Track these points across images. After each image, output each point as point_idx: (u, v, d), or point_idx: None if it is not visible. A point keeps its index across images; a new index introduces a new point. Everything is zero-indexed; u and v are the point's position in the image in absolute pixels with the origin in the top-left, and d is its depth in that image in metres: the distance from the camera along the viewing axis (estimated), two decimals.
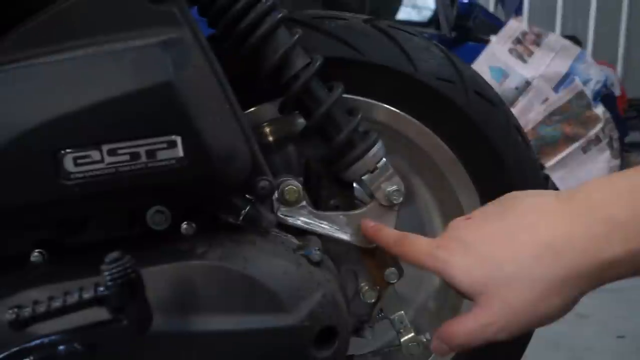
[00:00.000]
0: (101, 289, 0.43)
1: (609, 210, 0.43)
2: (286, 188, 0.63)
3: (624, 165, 3.94)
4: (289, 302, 0.53)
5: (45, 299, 0.43)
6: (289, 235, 0.62)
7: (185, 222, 0.56)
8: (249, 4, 0.60)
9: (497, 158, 0.75)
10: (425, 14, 4.23)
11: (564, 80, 3.65)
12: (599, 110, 3.61)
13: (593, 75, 3.71)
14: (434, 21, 4.00)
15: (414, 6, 4.31)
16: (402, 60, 0.72)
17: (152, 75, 0.48)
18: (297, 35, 0.63)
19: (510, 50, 3.69)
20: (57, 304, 0.43)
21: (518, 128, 0.78)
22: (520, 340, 0.83)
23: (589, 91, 3.62)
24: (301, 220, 0.64)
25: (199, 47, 0.53)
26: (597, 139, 3.67)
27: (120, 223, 0.58)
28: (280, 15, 0.61)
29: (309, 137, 0.67)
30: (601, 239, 0.42)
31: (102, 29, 0.51)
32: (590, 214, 0.44)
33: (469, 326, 0.48)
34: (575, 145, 3.65)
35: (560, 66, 3.66)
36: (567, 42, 3.82)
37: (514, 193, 0.51)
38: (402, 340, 0.74)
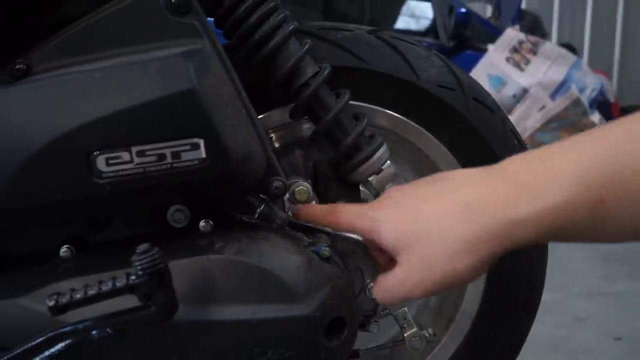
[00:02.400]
0: (133, 277, 0.47)
1: (519, 176, 0.47)
2: (297, 189, 0.67)
3: None
4: (301, 294, 0.56)
5: (82, 287, 0.47)
6: (300, 233, 0.66)
7: (203, 220, 0.60)
8: (262, 17, 0.64)
9: (495, 161, 0.79)
10: (424, 23, 4.30)
11: (561, 87, 3.72)
12: (595, 117, 3.67)
13: (589, 83, 3.77)
14: (432, 30, 4.07)
15: (412, 15, 4.38)
16: (404, 69, 0.76)
17: (177, 82, 0.52)
18: (306, 46, 0.67)
19: (508, 59, 3.76)
20: (92, 291, 0.47)
21: (514, 132, 0.82)
22: (513, 344, 0.86)
23: (585, 98, 3.68)
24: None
25: (218, 57, 0.57)
26: None
27: (142, 221, 0.62)
28: (291, 27, 0.66)
29: (317, 141, 0.71)
30: (510, 200, 0.46)
31: (129, 41, 0.56)
32: (503, 178, 0.48)
33: (388, 282, 0.51)
34: None
35: (557, 74, 3.73)
36: (563, 51, 3.89)
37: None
38: (405, 335, 0.78)
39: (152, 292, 0.47)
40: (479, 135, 0.78)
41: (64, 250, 0.59)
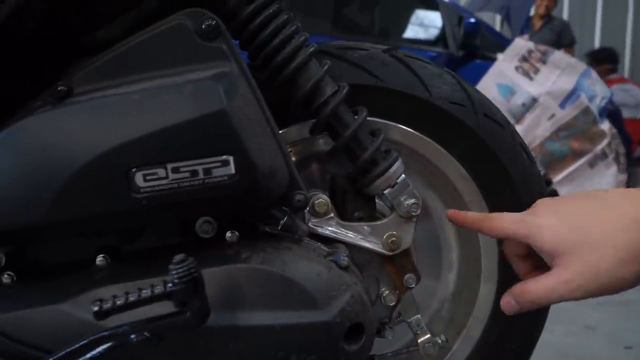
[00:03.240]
0: (170, 285, 0.51)
1: None
2: (316, 201, 0.71)
3: (632, 179, 3.99)
4: (322, 301, 0.60)
5: (123, 294, 0.51)
6: (319, 244, 0.69)
7: (229, 231, 0.64)
8: (285, 40, 0.68)
9: (505, 174, 0.83)
10: (432, 33, 4.34)
11: (570, 96, 3.73)
12: (605, 125, 3.68)
13: (598, 91, 3.78)
14: (441, 39, 4.10)
15: (421, 25, 4.42)
16: (417, 86, 0.80)
17: (209, 104, 0.56)
18: (326, 66, 0.71)
19: (517, 68, 3.78)
20: (133, 297, 0.51)
21: (523, 146, 0.85)
22: (522, 351, 0.89)
23: (594, 107, 3.69)
24: (329, 230, 0.72)
25: (245, 78, 0.61)
26: (603, 154, 3.73)
27: (172, 232, 0.66)
28: (311, 50, 0.70)
29: (335, 156, 0.75)
30: None
31: (163, 64, 0.60)
32: None
33: (548, 283, 0.54)
34: (582, 160, 3.72)
35: (566, 83, 3.74)
36: (573, 60, 3.91)
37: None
38: (419, 341, 0.81)
39: (188, 299, 0.51)
40: (489, 149, 0.82)
41: (99, 259, 0.63)
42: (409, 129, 0.81)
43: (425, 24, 4.36)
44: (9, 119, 0.61)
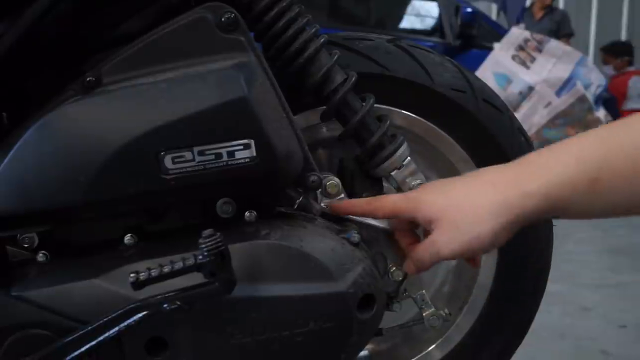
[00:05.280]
0: (200, 257, 0.55)
1: (531, 159, 0.60)
2: (328, 183, 0.76)
3: None
4: (337, 273, 0.65)
5: (157, 266, 0.56)
6: (331, 222, 0.74)
7: (247, 211, 0.69)
8: (297, 32, 0.72)
9: (504, 156, 0.87)
10: (429, 23, 4.37)
11: (566, 84, 3.78)
12: (601, 113, 3.74)
13: (594, 79, 3.84)
14: (438, 30, 4.14)
15: (418, 15, 4.45)
16: (421, 74, 0.84)
17: (231, 92, 0.61)
18: (335, 56, 0.75)
19: (513, 57, 3.83)
20: (166, 269, 0.55)
21: (521, 130, 0.90)
22: (522, 324, 0.94)
23: (590, 95, 3.74)
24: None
25: (262, 68, 0.66)
26: None
27: (194, 212, 0.71)
28: (322, 40, 0.74)
29: (344, 141, 0.79)
30: (524, 177, 0.58)
31: (186, 55, 0.64)
32: (519, 164, 0.61)
33: (423, 245, 0.64)
34: None
35: (562, 71, 3.80)
36: (568, 48, 3.96)
37: None
38: (424, 314, 0.86)
39: (216, 270, 0.56)
40: (489, 133, 0.87)
41: (127, 238, 0.68)
42: (413, 115, 0.85)
43: (421, 14, 4.39)
44: (38, 108, 0.66)
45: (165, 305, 0.57)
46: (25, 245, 0.68)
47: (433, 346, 0.91)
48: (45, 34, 0.66)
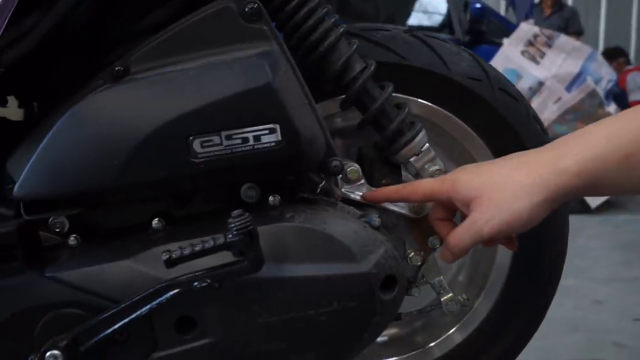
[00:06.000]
0: (229, 236, 0.57)
1: (565, 140, 0.63)
2: (348, 169, 0.78)
3: None
4: (360, 255, 0.67)
5: (188, 245, 0.58)
6: (352, 207, 0.76)
7: (271, 196, 0.71)
8: (317, 21, 0.74)
9: (520, 144, 0.89)
10: (437, 19, 4.38)
11: (576, 79, 3.77)
12: (611, 108, 3.72)
13: (604, 74, 3.82)
14: (446, 26, 4.14)
15: (425, 12, 4.46)
16: (437, 63, 0.86)
17: (256, 78, 0.63)
18: (355, 45, 0.77)
19: (523, 52, 3.82)
20: (197, 248, 0.57)
21: (536, 118, 0.91)
22: (538, 310, 0.95)
23: (600, 90, 3.73)
24: (361, 196, 0.78)
25: (284, 56, 0.68)
26: None
27: (219, 197, 0.73)
28: (342, 30, 0.76)
29: (363, 129, 0.81)
30: (558, 155, 0.61)
31: (211, 44, 0.66)
32: (553, 145, 0.64)
33: (464, 226, 0.65)
34: None
35: (572, 66, 3.79)
36: (578, 43, 3.95)
37: None
38: (442, 300, 0.88)
39: (245, 249, 0.58)
40: (505, 121, 0.88)
41: (155, 222, 0.70)
42: (430, 104, 0.87)
43: (430, 11, 4.40)
44: (67, 98, 0.68)
45: (195, 284, 0.59)
46: (57, 230, 0.70)
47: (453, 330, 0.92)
48: (74, 26, 0.68)
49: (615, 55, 5.35)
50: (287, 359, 0.67)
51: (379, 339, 0.98)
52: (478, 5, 3.72)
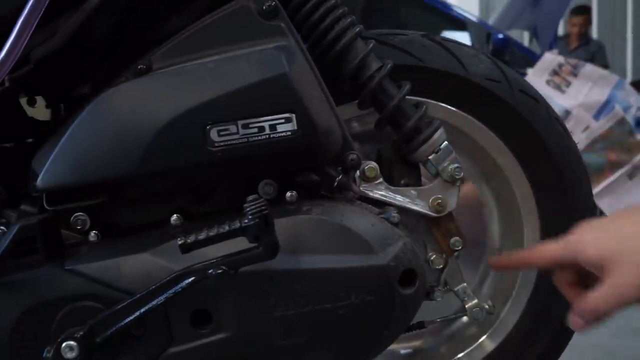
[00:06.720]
0: (245, 221, 0.57)
1: None
2: (366, 167, 0.77)
3: None
4: (378, 247, 0.66)
5: (204, 230, 0.58)
6: (370, 205, 0.75)
7: (289, 191, 0.71)
8: (334, 21, 0.76)
9: (542, 145, 0.87)
10: None
11: (604, 108, 3.71)
12: None
13: (633, 102, 3.75)
14: None
15: None
16: (455, 65, 0.86)
17: (272, 68, 0.64)
18: (371, 45, 0.78)
19: (548, 82, 3.78)
20: (212, 232, 0.57)
21: (558, 120, 0.90)
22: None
23: (630, 118, 3.65)
24: (379, 194, 0.77)
25: (300, 50, 0.69)
26: None
27: (237, 194, 0.73)
28: (357, 29, 0.77)
29: (381, 127, 0.81)
30: None
31: (230, 41, 0.68)
32: None
33: (602, 290, 0.57)
34: (621, 171, 3.66)
35: (599, 94, 3.72)
36: (605, 72, 3.90)
37: None
38: (467, 306, 0.85)
39: (260, 234, 0.58)
40: (526, 122, 0.87)
41: (174, 218, 0.71)
42: (449, 106, 0.87)
43: None
44: (92, 96, 0.70)
45: (210, 271, 0.59)
46: (78, 227, 0.71)
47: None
48: (99, 28, 0.71)
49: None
50: (303, 356, 0.66)
51: (403, 352, 0.95)
52: (500, 36, 3.74)
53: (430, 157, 0.78)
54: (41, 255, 0.66)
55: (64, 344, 0.61)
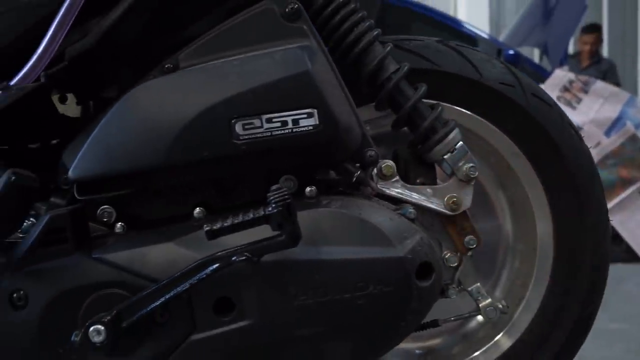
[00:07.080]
0: (268, 209, 0.60)
1: None
2: (383, 165, 0.79)
3: None
4: (395, 240, 0.68)
5: (229, 217, 0.60)
6: (387, 202, 0.77)
7: (308, 187, 0.73)
8: (353, 24, 0.79)
9: (555, 148, 0.89)
10: None
11: (615, 124, 3.72)
12: None
13: None
14: None
15: None
16: (469, 69, 0.89)
17: (295, 66, 0.67)
18: (389, 47, 0.81)
19: (558, 98, 3.80)
20: (237, 220, 0.60)
21: (571, 124, 0.92)
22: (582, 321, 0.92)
23: None
24: (396, 192, 0.79)
25: (321, 51, 0.72)
26: None
27: (259, 188, 0.75)
28: (376, 33, 0.80)
29: (398, 128, 0.84)
30: None
31: (254, 41, 0.71)
32: None
33: None
34: (632, 188, 3.66)
35: (610, 111, 3.74)
36: (616, 89, 3.91)
37: None
38: (480, 305, 0.86)
39: (283, 222, 0.60)
40: (539, 126, 0.89)
41: (197, 211, 0.73)
42: (463, 110, 0.89)
43: None
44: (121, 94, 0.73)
45: (234, 258, 0.61)
46: (105, 220, 0.73)
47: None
48: (129, 29, 0.74)
49: None
50: (323, 346, 0.67)
51: (418, 352, 0.96)
52: (511, 52, 3.77)
53: (445, 157, 0.81)
54: (70, 245, 0.68)
55: (91, 328, 0.63)
